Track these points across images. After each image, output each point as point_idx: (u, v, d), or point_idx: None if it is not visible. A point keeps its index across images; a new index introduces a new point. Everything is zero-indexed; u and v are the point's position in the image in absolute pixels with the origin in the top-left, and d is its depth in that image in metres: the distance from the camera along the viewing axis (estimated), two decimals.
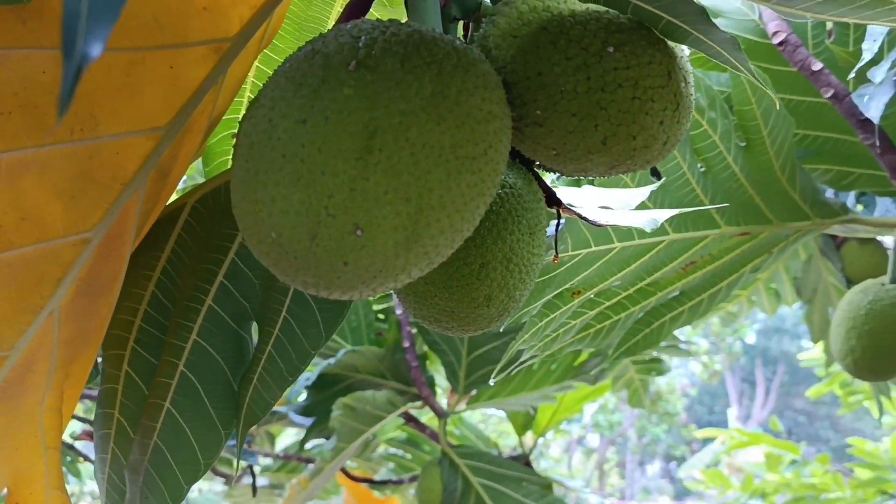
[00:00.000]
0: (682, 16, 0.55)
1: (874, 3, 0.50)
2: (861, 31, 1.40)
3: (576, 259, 1.13)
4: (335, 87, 0.51)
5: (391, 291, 0.65)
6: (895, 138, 1.43)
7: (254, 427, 0.75)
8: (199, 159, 0.97)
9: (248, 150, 0.53)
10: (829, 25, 1.42)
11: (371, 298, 2.73)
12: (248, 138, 0.53)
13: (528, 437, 2.96)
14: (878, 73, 1.10)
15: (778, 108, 1.22)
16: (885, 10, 0.50)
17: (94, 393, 2.21)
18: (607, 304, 1.31)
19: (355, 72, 0.52)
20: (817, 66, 1.32)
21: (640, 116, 0.59)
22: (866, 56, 1.11)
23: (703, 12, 0.54)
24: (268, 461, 3.18)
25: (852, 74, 1.18)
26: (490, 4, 0.70)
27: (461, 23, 0.74)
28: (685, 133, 0.63)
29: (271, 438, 3.42)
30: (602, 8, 0.61)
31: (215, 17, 0.66)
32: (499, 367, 1.16)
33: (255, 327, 0.78)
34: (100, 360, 0.80)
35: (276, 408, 2.87)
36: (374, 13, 0.92)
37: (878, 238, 2.22)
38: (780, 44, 1.35)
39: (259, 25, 0.70)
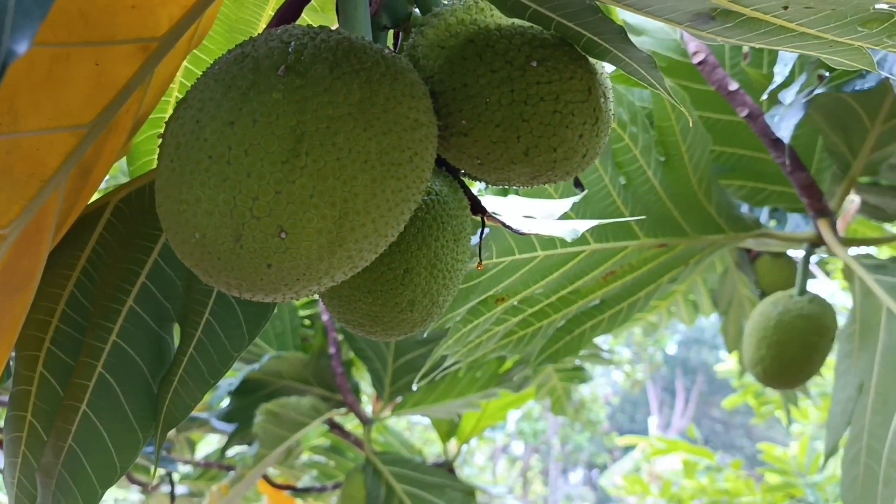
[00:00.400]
0: (602, 34, 0.58)
1: (777, 30, 0.53)
2: (774, 55, 1.47)
3: (500, 266, 1.15)
4: (264, 91, 0.52)
5: (315, 295, 0.66)
6: (805, 157, 1.51)
7: (173, 433, 0.74)
8: (124, 158, 0.95)
9: (175, 151, 0.53)
10: (745, 49, 1.49)
11: (297, 303, 2.72)
12: (174, 139, 0.53)
13: (453, 444, 2.98)
14: (789, 96, 1.15)
15: (692, 125, 1.27)
16: (788, 36, 0.54)
17: (4, 398, 2.13)
18: (530, 311, 1.34)
19: (284, 76, 0.53)
20: (734, 86, 1.38)
21: (560, 129, 0.62)
22: (777, 79, 1.17)
23: (621, 31, 0.57)
24: (187, 469, 3.11)
25: (765, 96, 1.24)
26: (420, 15, 0.72)
27: (391, 32, 0.75)
28: (604, 146, 0.66)
29: (191, 445, 3.35)
30: (527, 23, 0.63)
31: (144, 16, 0.66)
32: (422, 372, 1.17)
33: (176, 329, 0.77)
34: (12, 362, 0.78)
35: (197, 414, 2.82)
36: (306, 18, 0.93)
37: (789, 252, 2.32)
38: (700, 63, 1.40)
39: (189, 26, 0.70)
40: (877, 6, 0.46)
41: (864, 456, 1.24)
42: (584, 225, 0.91)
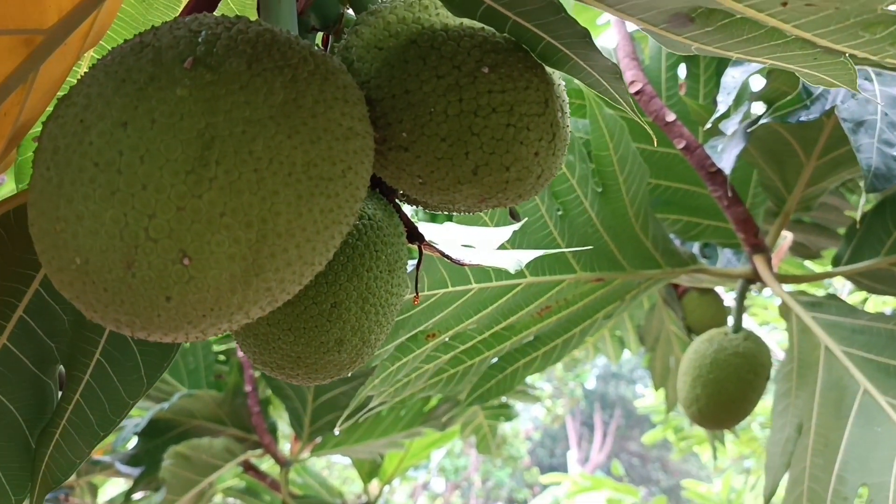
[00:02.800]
0: (562, 38, 0.51)
1: (761, 37, 0.47)
2: (711, 86, 1.45)
3: (432, 300, 1.07)
4: (166, 87, 0.43)
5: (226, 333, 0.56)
6: (740, 192, 1.48)
7: (73, 478, 0.62)
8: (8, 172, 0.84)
9: (52, 157, 0.43)
10: (682, 79, 1.46)
11: (211, 338, 2.58)
12: (52, 142, 0.44)
13: (374, 484, 2.88)
14: (731, 126, 1.12)
15: (630, 156, 1.23)
16: (771, 45, 0.48)
17: None
18: (462, 347, 1.26)
19: (191, 70, 0.43)
20: (671, 117, 1.35)
21: (514, 145, 0.54)
22: (721, 108, 1.13)
23: (586, 35, 0.50)
24: None
25: (708, 125, 1.21)
26: (354, 16, 0.64)
27: (320, 36, 0.67)
28: (560, 166, 0.59)
29: (94, 490, 3.13)
30: (478, 24, 0.55)
31: (26, 4, 0.56)
32: (345, 414, 1.07)
33: (61, 372, 0.66)
34: None
35: (99, 457, 2.63)
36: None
37: (716, 289, 2.31)
38: (637, 93, 1.37)
39: (82, 19, 0.60)
40: (884, 7, 0.40)
41: (805, 500, 1.19)
42: (527, 255, 0.84)
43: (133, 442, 2.46)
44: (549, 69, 0.56)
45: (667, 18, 0.46)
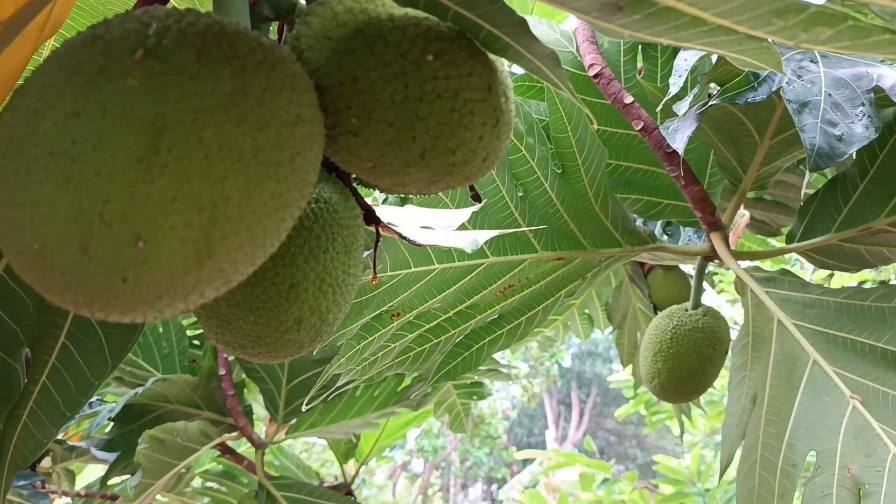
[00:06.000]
0: (502, 26, 0.53)
1: (689, 23, 0.50)
2: (668, 69, 1.48)
3: (395, 280, 1.10)
4: (117, 77, 0.45)
5: (186, 314, 0.59)
6: (698, 171, 1.52)
7: (48, 464, 0.64)
8: None
9: (8, 146, 0.45)
10: (640, 62, 1.49)
11: (185, 322, 2.58)
12: (7, 131, 0.45)
13: (351, 465, 2.91)
14: (682, 107, 1.15)
15: (595, 125, 1.26)
16: (699, 31, 0.51)
17: None
18: (427, 326, 1.29)
19: (142, 61, 0.45)
20: (629, 99, 1.38)
21: (459, 130, 0.57)
22: (672, 90, 1.16)
23: (523, 23, 0.52)
24: (66, 501, 2.90)
25: (659, 107, 1.24)
26: (306, 5, 0.66)
27: (274, 26, 0.69)
28: (505, 150, 0.61)
29: (71, 476, 3.14)
30: (422, 14, 0.58)
31: None
32: (311, 392, 1.10)
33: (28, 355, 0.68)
34: None
35: (75, 443, 2.64)
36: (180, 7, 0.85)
37: (681, 266, 2.36)
38: (595, 76, 1.39)
39: (39, 10, 0.62)
40: None
41: (758, 468, 1.24)
42: (484, 235, 0.87)
43: (109, 427, 2.47)
44: (492, 56, 0.59)
45: (597, 7, 0.49)
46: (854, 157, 1.33)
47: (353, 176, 0.70)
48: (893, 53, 0.46)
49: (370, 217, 0.74)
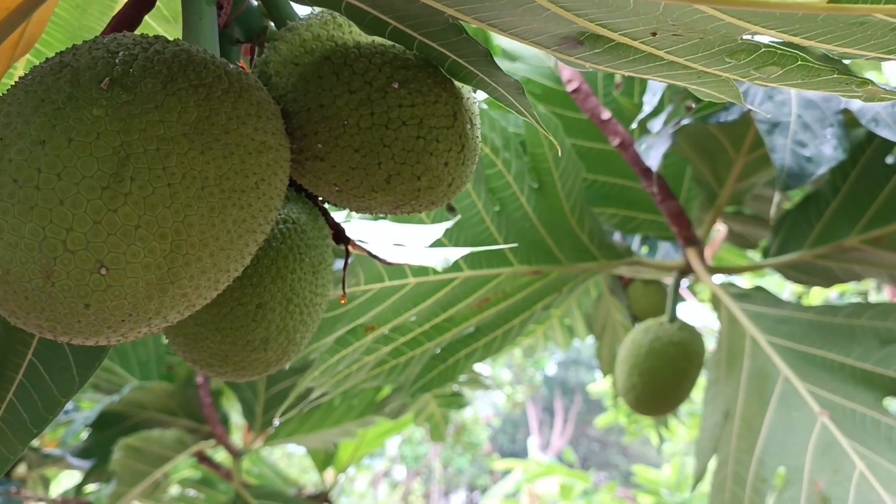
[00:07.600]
0: (466, 56, 0.54)
1: (646, 58, 0.51)
2: (645, 84, 1.49)
3: (369, 294, 1.10)
4: (83, 106, 0.45)
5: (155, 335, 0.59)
6: (674, 186, 1.54)
7: (24, 470, 0.64)
8: None
9: None
10: (618, 78, 1.51)
11: None
12: None
13: (330, 473, 2.90)
14: (657, 125, 1.17)
15: (560, 154, 1.27)
16: (657, 65, 0.52)
17: None
18: (403, 339, 1.29)
19: (108, 91, 0.46)
20: (606, 115, 1.39)
21: (424, 156, 0.58)
22: (647, 108, 1.18)
23: (487, 54, 0.53)
24: None
25: (634, 125, 1.25)
26: (276, 29, 0.66)
27: (245, 48, 0.70)
28: (471, 175, 0.62)
29: (46, 483, 3.11)
30: (388, 42, 0.59)
31: None
32: (285, 405, 1.10)
33: None
34: None
35: (50, 450, 2.62)
36: (157, 28, 0.86)
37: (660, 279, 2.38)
38: (573, 91, 1.41)
39: (12, 29, 0.62)
40: (744, 37, 0.44)
41: (729, 482, 1.25)
42: (455, 253, 0.88)
43: (85, 434, 2.45)
44: (458, 83, 0.60)
45: (557, 42, 0.50)
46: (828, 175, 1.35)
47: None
48: (842, 92, 0.47)
49: (339, 236, 0.74)
